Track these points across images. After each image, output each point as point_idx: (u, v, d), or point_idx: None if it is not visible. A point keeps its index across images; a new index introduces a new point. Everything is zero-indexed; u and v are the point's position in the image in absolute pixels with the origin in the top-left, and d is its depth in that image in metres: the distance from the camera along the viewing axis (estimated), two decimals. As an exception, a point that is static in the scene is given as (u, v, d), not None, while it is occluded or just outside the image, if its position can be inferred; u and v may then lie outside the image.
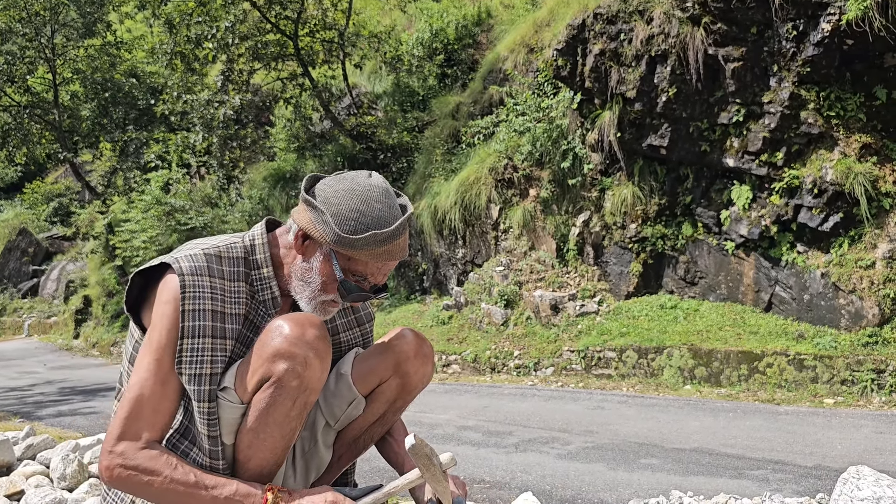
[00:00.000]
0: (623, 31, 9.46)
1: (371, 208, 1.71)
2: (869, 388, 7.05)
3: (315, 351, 1.65)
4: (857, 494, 1.85)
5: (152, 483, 1.59)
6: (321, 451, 1.99)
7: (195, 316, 1.64)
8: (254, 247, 1.81)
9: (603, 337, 9.29)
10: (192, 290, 1.64)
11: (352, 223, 1.70)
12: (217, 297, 1.69)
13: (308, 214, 1.75)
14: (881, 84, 8.08)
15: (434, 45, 16.25)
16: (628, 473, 4.63)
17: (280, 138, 17.95)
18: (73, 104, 21.37)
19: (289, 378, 1.63)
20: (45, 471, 3.61)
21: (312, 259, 1.77)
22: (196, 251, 1.71)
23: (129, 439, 1.60)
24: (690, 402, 7.22)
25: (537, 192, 11.41)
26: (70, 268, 24.72)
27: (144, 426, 1.62)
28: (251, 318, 1.78)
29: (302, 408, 1.69)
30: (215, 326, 1.67)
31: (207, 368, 1.65)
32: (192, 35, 14.93)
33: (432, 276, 13.10)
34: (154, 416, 1.63)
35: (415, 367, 1.97)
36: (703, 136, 9.12)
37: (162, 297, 1.66)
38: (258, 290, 1.79)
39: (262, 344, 1.66)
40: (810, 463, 4.73)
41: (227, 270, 1.73)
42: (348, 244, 1.70)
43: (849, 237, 8.07)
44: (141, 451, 1.60)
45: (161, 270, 1.71)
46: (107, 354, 17.41)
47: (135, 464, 1.59)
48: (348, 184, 1.75)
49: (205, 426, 1.65)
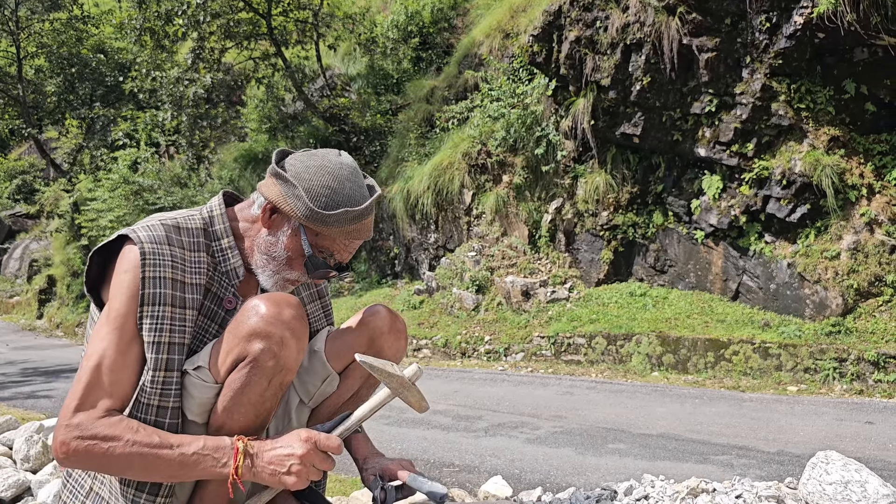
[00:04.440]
0: (599, 18, 9.46)
1: (342, 186, 1.72)
2: (831, 377, 7.20)
3: (292, 331, 1.63)
4: (826, 478, 1.89)
5: (113, 450, 1.50)
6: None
7: (155, 283, 1.60)
8: (212, 218, 1.79)
9: (573, 323, 9.35)
10: (151, 257, 1.60)
11: (324, 199, 1.69)
12: (178, 266, 1.65)
13: (278, 188, 1.73)
14: (850, 78, 8.21)
15: (409, 27, 16.12)
16: (596, 458, 4.68)
17: (252, 119, 17.72)
18: (38, 79, 20.85)
19: (265, 358, 1.61)
20: (8, 452, 3.54)
21: (279, 233, 1.74)
22: (153, 222, 1.68)
23: (87, 409, 1.52)
24: (658, 389, 7.32)
25: (510, 179, 11.42)
26: (34, 246, 24.23)
27: (104, 395, 1.54)
28: (213, 290, 1.75)
29: (277, 388, 1.67)
30: (175, 295, 1.63)
31: (166, 337, 1.60)
32: (162, 11, 14.63)
33: (404, 260, 13.07)
34: (114, 385, 1.56)
35: (388, 342, 1.97)
36: (675, 126, 9.19)
37: (121, 266, 1.62)
38: (220, 261, 1.76)
39: (237, 323, 1.63)
40: (773, 449, 4.82)
41: (187, 241, 1.70)
42: (320, 219, 1.69)
43: (815, 228, 8.22)
44: (99, 419, 1.52)
45: (119, 244, 1.67)
46: (71, 335, 17.13)
47: (92, 433, 1.50)
48: (319, 160, 1.74)
49: (156, 397, 1.59)
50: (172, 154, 19.22)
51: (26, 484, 3.07)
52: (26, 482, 3.07)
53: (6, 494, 2.98)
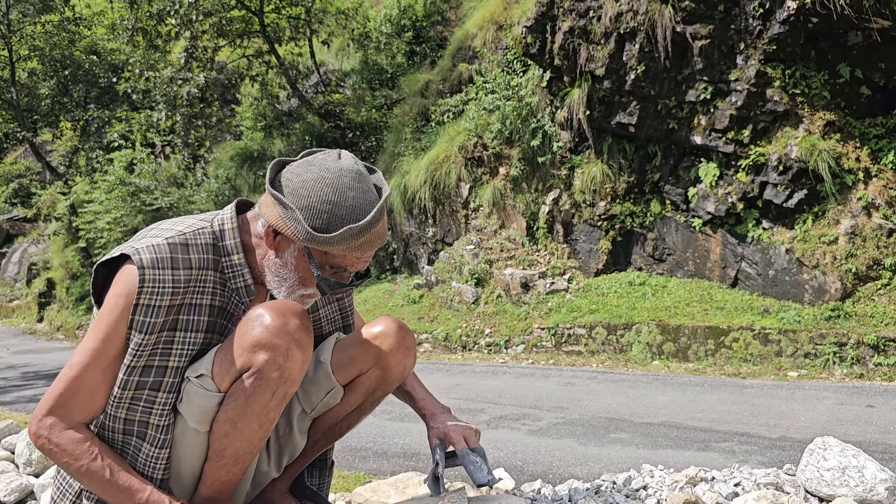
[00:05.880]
0: (592, 8, 9.44)
1: (344, 198, 1.60)
2: (831, 361, 7.21)
3: (297, 342, 1.60)
4: (824, 464, 1.89)
5: (70, 465, 1.60)
6: (296, 437, 1.95)
7: (148, 312, 1.59)
8: (223, 232, 1.71)
9: (573, 314, 9.36)
10: (150, 285, 1.58)
11: (325, 216, 1.59)
12: (178, 291, 1.62)
13: (276, 209, 1.63)
14: (845, 62, 8.20)
15: (402, 21, 16.08)
16: (598, 448, 4.69)
17: (246, 117, 17.68)
18: (32, 82, 20.78)
19: (269, 369, 1.59)
20: (11, 456, 3.54)
21: (286, 254, 1.67)
22: (160, 241, 1.63)
23: (59, 417, 1.60)
24: (658, 377, 7.33)
25: (507, 171, 11.41)
26: (32, 250, 24.22)
27: (76, 408, 1.61)
28: (223, 307, 1.71)
29: (282, 399, 1.65)
30: (167, 321, 1.62)
31: (144, 361, 1.61)
32: (154, 10, 14.58)
33: (402, 255, 13.07)
34: (89, 399, 1.61)
35: (396, 359, 1.91)
36: (671, 114, 9.18)
37: (117, 288, 1.60)
38: (230, 278, 1.71)
39: (241, 333, 1.61)
40: (775, 434, 4.83)
41: (195, 258, 1.65)
42: (323, 242, 1.59)
43: (812, 213, 8.22)
44: (66, 430, 1.60)
45: (124, 259, 1.64)
46: (72, 338, 17.14)
47: (58, 442, 1.59)
48: (317, 171, 1.62)
49: (123, 409, 1.63)
50: (168, 154, 19.18)
51: (29, 488, 3.07)
52: (29, 486, 3.08)
53: (9, 499, 2.99)
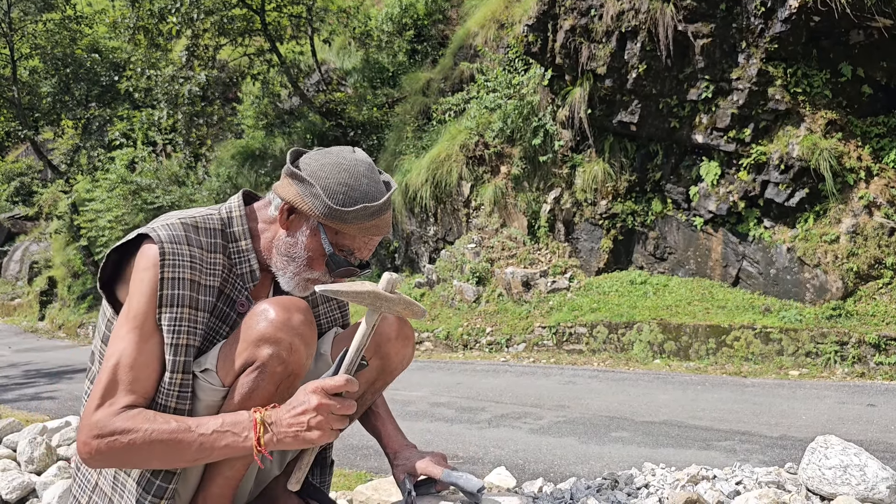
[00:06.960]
0: (594, 6, 9.43)
1: (359, 182, 1.69)
2: (832, 360, 7.21)
3: (301, 337, 1.62)
4: (826, 463, 1.89)
5: (133, 442, 1.50)
6: None
7: (174, 284, 1.59)
8: (231, 219, 1.76)
9: (574, 313, 9.36)
10: (171, 258, 1.60)
11: (341, 196, 1.67)
12: (196, 267, 1.64)
13: (295, 187, 1.70)
14: (846, 61, 8.19)
15: (404, 20, 16.07)
16: (599, 446, 4.69)
17: (248, 115, 17.68)
18: (33, 80, 20.76)
19: (273, 363, 1.60)
20: (13, 454, 3.55)
21: (298, 233, 1.72)
22: (173, 220, 1.66)
23: (106, 407, 1.52)
24: (660, 376, 7.33)
25: (508, 170, 11.41)
26: (34, 248, 24.23)
27: (123, 392, 1.54)
28: (227, 292, 1.73)
29: (285, 393, 1.65)
30: (192, 296, 1.63)
31: (184, 339, 1.60)
32: (156, 9, 14.58)
33: (404, 253, 13.07)
34: (134, 382, 1.55)
35: (395, 348, 1.93)
36: (672, 113, 9.17)
37: (140, 264, 1.61)
38: (236, 263, 1.74)
39: (246, 327, 1.62)
40: (776, 433, 4.83)
41: (205, 241, 1.69)
42: (339, 217, 1.67)
43: (814, 212, 8.21)
44: (117, 415, 1.51)
45: (137, 244, 1.66)
46: (73, 336, 17.15)
47: (111, 429, 1.50)
48: (334, 158, 1.72)
49: (173, 398, 1.59)
50: (169, 153, 19.18)
51: (31, 486, 3.08)
52: (31, 484, 3.09)
53: (11, 496, 3.00)
